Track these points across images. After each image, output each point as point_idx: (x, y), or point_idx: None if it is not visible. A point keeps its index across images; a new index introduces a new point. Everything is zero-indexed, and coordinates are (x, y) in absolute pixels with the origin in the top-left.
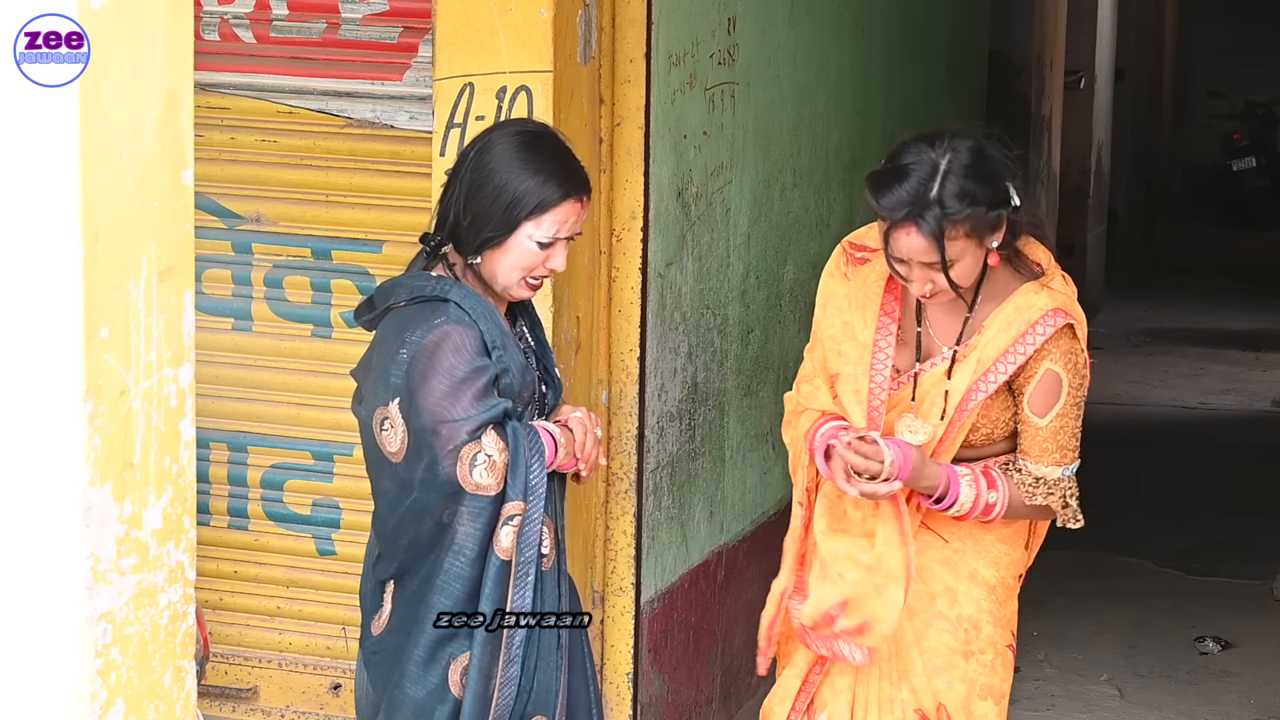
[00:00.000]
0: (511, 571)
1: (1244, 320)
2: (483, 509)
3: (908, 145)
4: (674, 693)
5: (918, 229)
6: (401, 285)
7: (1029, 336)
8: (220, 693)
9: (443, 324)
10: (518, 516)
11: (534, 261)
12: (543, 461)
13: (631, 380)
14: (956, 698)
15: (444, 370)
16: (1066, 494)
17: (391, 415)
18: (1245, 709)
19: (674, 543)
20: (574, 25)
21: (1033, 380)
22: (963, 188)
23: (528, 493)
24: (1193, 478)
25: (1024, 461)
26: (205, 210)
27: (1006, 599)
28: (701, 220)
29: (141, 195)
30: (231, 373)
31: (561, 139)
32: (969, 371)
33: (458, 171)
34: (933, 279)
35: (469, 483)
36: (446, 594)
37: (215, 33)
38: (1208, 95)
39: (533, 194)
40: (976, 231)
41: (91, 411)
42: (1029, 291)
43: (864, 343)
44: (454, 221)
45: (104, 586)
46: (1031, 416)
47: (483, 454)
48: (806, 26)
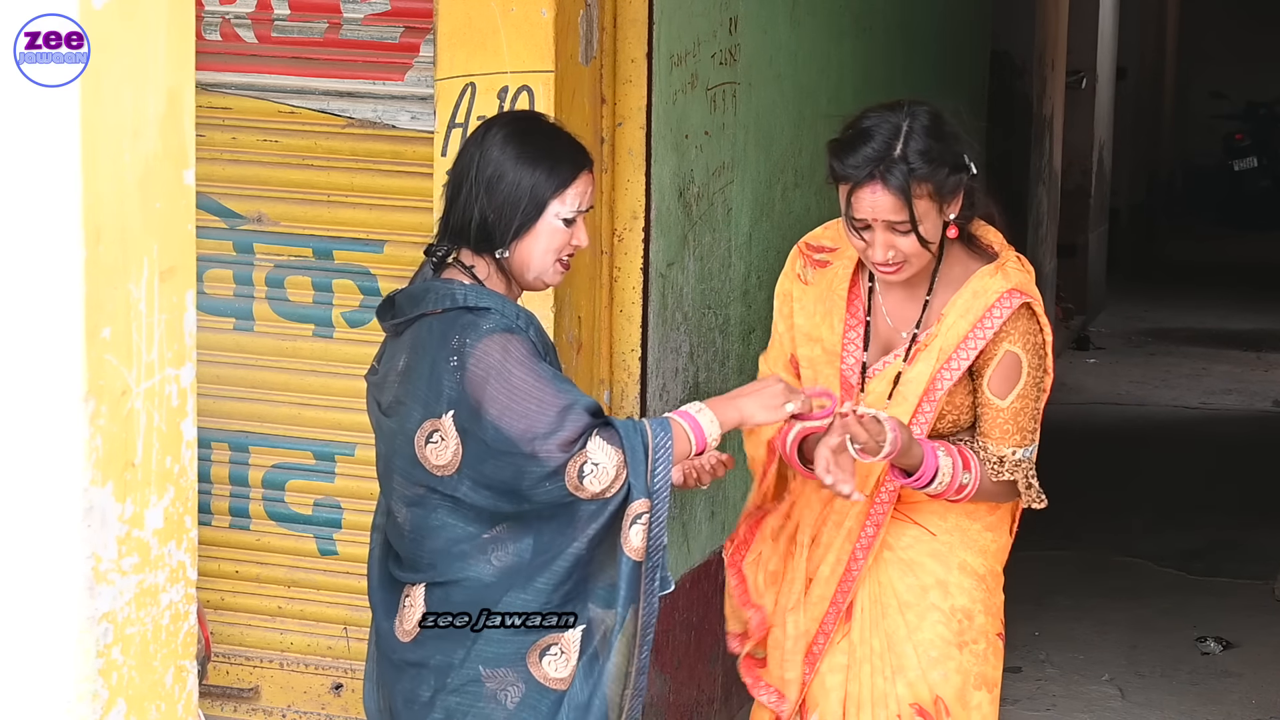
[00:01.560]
0: (642, 573)
1: (1245, 320)
2: (606, 512)
3: (867, 113)
4: (675, 693)
5: (884, 185)
6: (433, 291)
7: (987, 320)
8: (222, 693)
9: (493, 330)
10: (645, 515)
11: (563, 241)
12: (669, 460)
13: (633, 380)
14: (953, 689)
15: (514, 383)
16: (1028, 474)
17: (443, 427)
18: (1246, 709)
19: (675, 543)
20: (575, 25)
21: (992, 362)
22: (926, 145)
23: (651, 493)
24: (1194, 478)
25: (984, 442)
26: (207, 210)
27: (995, 587)
28: (703, 220)
29: (143, 195)
30: (233, 372)
31: (552, 120)
32: (931, 360)
33: (464, 176)
34: (895, 244)
35: (583, 492)
36: (539, 589)
37: (217, 32)
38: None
39: (554, 172)
40: (938, 193)
41: (93, 411)
42: (985, 275)
43: (831, 349)
44: (479, 221)
45: (105, 586)
46: (992, 398)
47: (589, 463)
48: (808, 26)
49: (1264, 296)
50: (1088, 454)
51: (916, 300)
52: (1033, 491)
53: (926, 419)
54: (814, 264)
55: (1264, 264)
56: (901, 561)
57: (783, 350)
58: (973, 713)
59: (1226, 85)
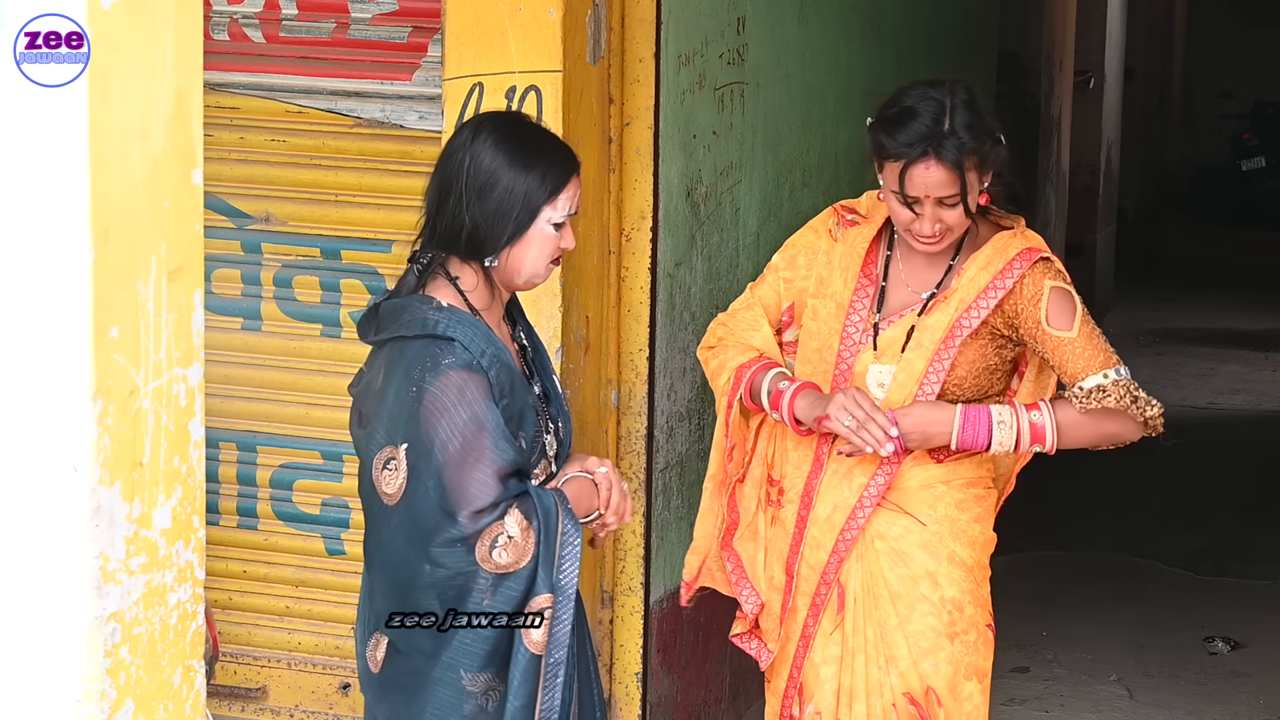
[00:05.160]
0: (542, 668)
1: (1253, 320)
2: (505, 591)
3: (906, 91)
4: (683, 692)
5: (938, 160)
6: (408, 313)
7: (1007, 272)
8: (229, 692)
9: (452, 366)
10: (548, 609)
11: (554, 245)
12: (576, 557)
13: (641, 380)
14: (944, 679)
15: (457, 428)
16: (1131, 390)
17: (399, 458)
18: (1254, 709)
19: (683, 542)
20: (583, 25)
21: (1041, 302)
22: (970, 119)
23: (556, 589)
24: (1202, 478)
25: (1074, 384)
26: (215, 210)
27: (983, 579)
28: (711, 220)
29: (151, 195)
30: (240, 372)
31: (538, 123)
32: (950, 309)
33: (453, 182)
34: (942, 217)
35: (489, 562)
36: (454, 669)
37: (225, 32)
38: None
39: (545, 179)
40: (982, 164)
41: (101, 411)
42: (1005, 236)
43: (840, 302)
44: (471, 229)
45: (113, 586)
46: (1059, 334)
47: (504, 535)
48: (816, 26)
49: (1272, 296)
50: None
51: (939, 266)
52: (1140, 404)
53: (943, 367)
54: (845, 223)
55: (1272, 264)
56: (893, 552)
57: (775, 293)
58: (964, 702)
59: (1234, 85)
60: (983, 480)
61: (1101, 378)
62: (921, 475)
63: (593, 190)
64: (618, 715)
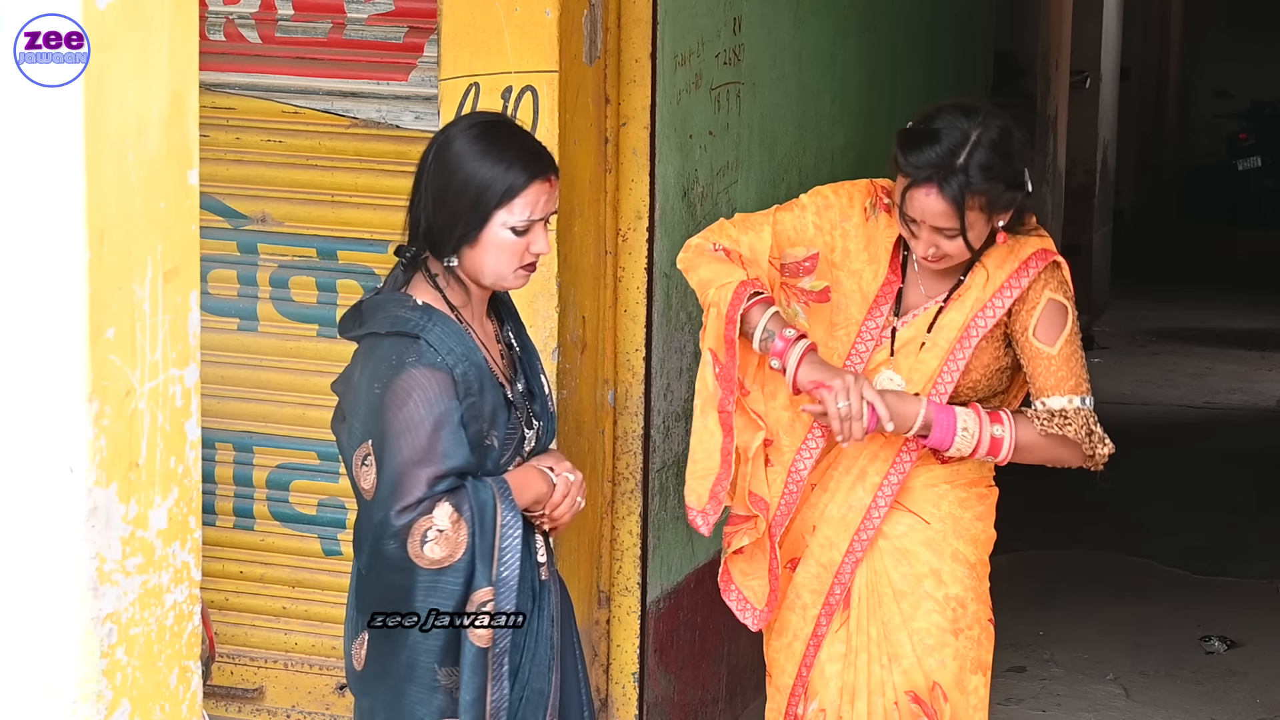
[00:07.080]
0: (489, 660)
1: (1250, 320)
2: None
3: (943, 109)
4: (680, 692)
5: (939, 192)
6: (384, 310)
7: (1023, 271)
8: (226, 693)
9: (415, 364)
10: (490, 603)
11: (516, 250)
12: (517, 549)
13: (637, 380)
14: (950, 675)
15: (410, 425)
16: (1089, 421)
17: (371, 453)
18: (1251, 708)
19: (680, 542)
20: (579, 25)
21: (1035, 311)
22: (989, 161)
23: (496, 583)
24: (1198, 477)
25: (1038, 400)
26: (210, 210)
27: (983, 575)
28: (707, 220)
29: (147, 195)
30: (237, 373)
31: (518, 125)
32: (966, 308)
33: (421, 177)
34: (938, 243)
35: (422, 558)
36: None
37: (220, 33)
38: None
39: (499, 181)
40: (990, 206)
41: (97, 412)
42: (1019, 237)
43: (868, 294)
44: (427, 226)
45: (109, 587)
46: (1042, 347)
47: (432, 529)
48: (812, 26)
49: (1268, 296)
50: None
51: (953, 275)
52: (1094, 439)
53: (957, 367)
54: (881, 206)
55: (1268, 263)
56: (896, 550)
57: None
58: (970, 696)
59: (1230, 84)
60: (984, 479)
61: (1067, 401)
62: (926, 475)
63: (589, 190)
64: (614, 715)
